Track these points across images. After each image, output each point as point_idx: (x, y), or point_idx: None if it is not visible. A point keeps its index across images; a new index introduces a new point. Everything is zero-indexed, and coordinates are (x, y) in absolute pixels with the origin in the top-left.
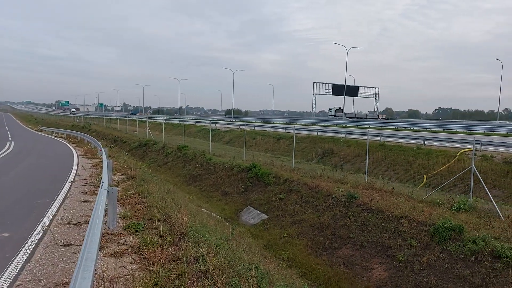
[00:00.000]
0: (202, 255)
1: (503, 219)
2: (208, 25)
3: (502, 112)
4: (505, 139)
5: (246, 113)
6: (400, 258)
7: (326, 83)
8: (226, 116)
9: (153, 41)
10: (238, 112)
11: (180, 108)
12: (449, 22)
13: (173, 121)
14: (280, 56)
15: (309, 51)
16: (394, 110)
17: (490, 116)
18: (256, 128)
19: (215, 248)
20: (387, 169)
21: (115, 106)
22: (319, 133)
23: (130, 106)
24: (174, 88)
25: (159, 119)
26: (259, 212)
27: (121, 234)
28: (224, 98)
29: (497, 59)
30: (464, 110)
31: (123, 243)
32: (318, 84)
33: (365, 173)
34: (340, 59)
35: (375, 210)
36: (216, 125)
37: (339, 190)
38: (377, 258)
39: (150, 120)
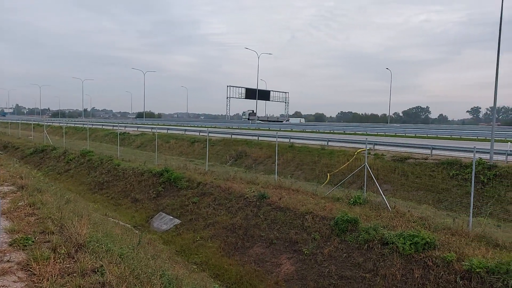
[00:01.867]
0: (102, 266)
1: (390, 210)
2: (116, 23)
3: (392, 116)
4: (393, 140)
5: (159, 116)
6: (305, 252)
7: (240, 87)
8: (138, 119)
9: (52, 37)
10: (150, 115)
11: (85, 110)
12: (348, 33)
13: (76, 125)
14: (194, 59)
15: (223, 55)
16: (303, 114)
17: (383, 119)
18: (169, 131)
19: (118, 258)
20: (295, 169)
21: (6, 108)
22: (233, 136)
23: (25, 108)
24: (78, 89)
25: (59, 123)
26: (171, 217)
27: (5, 251)
28: (135, 100)
29: (387, 68)
30: (362, 114)
31: (8, 260)
32: (232, 87)
33: (275, 174)
34: (253, 64)
35: (283, 208)
36: (126, 128)
37: (251, 190)
38: (285, 254)
39: (48, 123)
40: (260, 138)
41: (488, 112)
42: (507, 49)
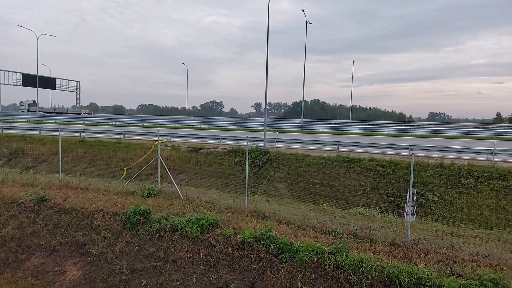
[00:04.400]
0: None
1: (182, 197)
2: None
3: (191, 109)
4: (190, 132)
5: None
6: (94, 253)
7: (15, 71)
8: None
9: None
10: None
11: None
12: (144, 24)
13: None
14: None
15: None
16: (100, 105)
17: (182, 112)
18: None
19: None
20: (88, 165)
21: None
22: (5, 131)
23: None
24: None
25: None
26: None
27: None
28: None
29: (183, 63)
30: (163, 107)
31: None
32: (3, 72)
33: (60, 172)
34: (35, 46)
35: (69, 209)
36: None
37: (27, 194)
38: (71, 259)
39: None
40: (43, 133)
41: (267, 107)
42: (280, 55)
